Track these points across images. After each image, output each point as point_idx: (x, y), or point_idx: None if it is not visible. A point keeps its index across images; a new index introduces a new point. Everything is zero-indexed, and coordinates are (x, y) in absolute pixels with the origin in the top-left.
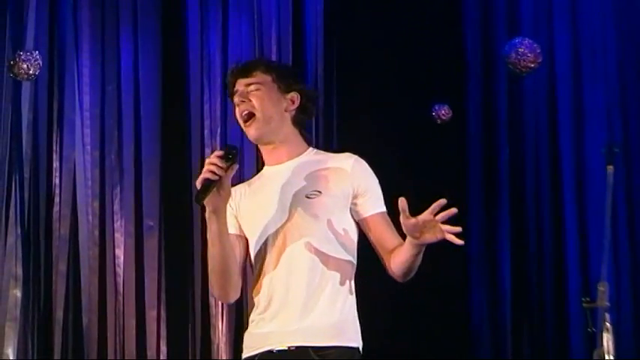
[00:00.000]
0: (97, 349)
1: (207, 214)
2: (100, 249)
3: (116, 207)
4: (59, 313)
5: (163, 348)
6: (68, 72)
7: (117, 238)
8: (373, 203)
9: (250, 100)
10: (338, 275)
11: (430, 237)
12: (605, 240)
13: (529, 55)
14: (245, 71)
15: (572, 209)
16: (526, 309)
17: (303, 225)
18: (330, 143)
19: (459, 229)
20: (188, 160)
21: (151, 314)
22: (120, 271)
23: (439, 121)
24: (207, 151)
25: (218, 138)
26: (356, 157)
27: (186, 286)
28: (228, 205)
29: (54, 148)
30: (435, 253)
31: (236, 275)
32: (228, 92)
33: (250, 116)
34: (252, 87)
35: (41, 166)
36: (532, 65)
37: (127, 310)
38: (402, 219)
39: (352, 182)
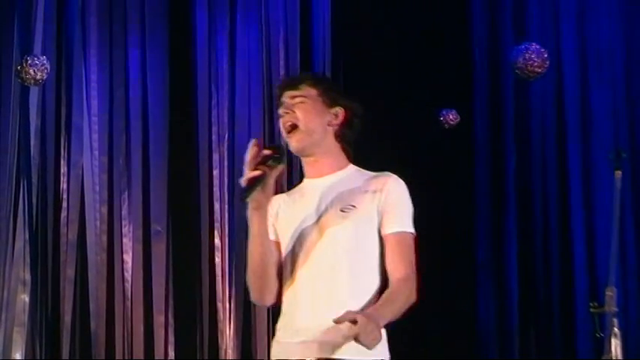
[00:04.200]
0: (105, 354)
1: (249, 212)
2: (107, 254)
3: (124, 212)
4: (67, 318)
5: (171, 353)
6: (76, 77)
7: (125, 243)
8: (392, 221)
9: (294, 112)
10: (365, 290)
11: None
12: (612, 245)
13: (536, 60)
14: (292, 84)
15: (580, 214)
16: (533, 314)
17: (335, 238)
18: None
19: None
20: (196, 165)
21: (158, 319)
22: (128, 276)
23: (447, 126)
24: (215, 156)
25: (226, 144)
26: (395, 176)
27: (194, 291)
28: (268, 213)
29: (62, 153)
30: (443, 257)
31: (273, 278)
32: (275, 104)
33: (293, 127)
34: (297, 99)
35: (49, 172)
36: (539, 70)
37: (135, 315)
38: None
39: (382, 198)
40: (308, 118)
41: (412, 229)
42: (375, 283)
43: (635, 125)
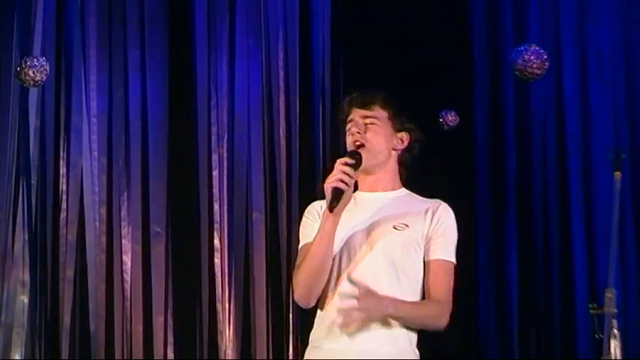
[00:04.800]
0: (104, 354)
1: (325, 215)
2: (107, 255)
3: (123, 213)
4: (66, 319)
5: (170, 354)
6: (75, 78)
7: (124, 244)
8: (439, 249)
9: (365, 133)
10: None
11: None
12: (612, 246)
13: (535, 61)
14: (364, 103)
15: (579, 215)
16: (533, 315)
17: (386, 253)
18: (338, 151)
19: None
20: (195, 166)
21: (158, 320)
22: (127, 277)
23: (446, 127)
24: (215, 157)
25: (225, 145)
26: (445, 204)
27: (194, 292)
28: (318, 217)
29: (61, 154)
30: None
31: (325, 279)
32: (340, 117)
33: (361, 146)
34: (368, 120)
35: (48, 173)
36: (538, 71)
37: (134, 316)
38: None
39: (432, 224)
40: (377, 140)
41: (455, 260)
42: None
43: (635, 126)
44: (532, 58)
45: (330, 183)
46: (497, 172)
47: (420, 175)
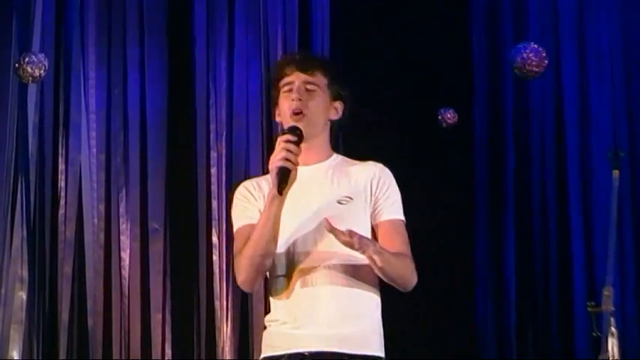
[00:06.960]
0: (102, 351)
1: (271, 196)
2: (105, 252)
3: (122, 210)
4: (64, 316)
5: (168, 351)
6: (74, 74)
7: (122, 241)
8: (387, 209)
9: (306, 101)
10: (367, 283)
11: None
12: (610, 244)
13: (534, 59)
14: (306, 67)
15: (578, 213)
16: (531, 313)
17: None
18: (336, 147)
19: None
20: (193, 163)
21: (156, 317)
22: (125, 273)
23: (445, 125)
24: (213, 154)
25: (224, 142)
26: (381, 165)
27: (191, 288)
28: (253, 199)
29: (60, 150)
30: (441, 255)
31: (270, 263)
32: (273, 75)
33: (299, 114)
34: (310, 86)
35: (47, 169)
36: (537, 69)
37: (132, 313)
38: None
39: (374, 188)
40: (317, 110)
41: (404, 217)
42: (373, 271)
43: (633, 125)
44: (531, 55)
45: (275, 163)
46: (495, 169)
47: (418, 171)
